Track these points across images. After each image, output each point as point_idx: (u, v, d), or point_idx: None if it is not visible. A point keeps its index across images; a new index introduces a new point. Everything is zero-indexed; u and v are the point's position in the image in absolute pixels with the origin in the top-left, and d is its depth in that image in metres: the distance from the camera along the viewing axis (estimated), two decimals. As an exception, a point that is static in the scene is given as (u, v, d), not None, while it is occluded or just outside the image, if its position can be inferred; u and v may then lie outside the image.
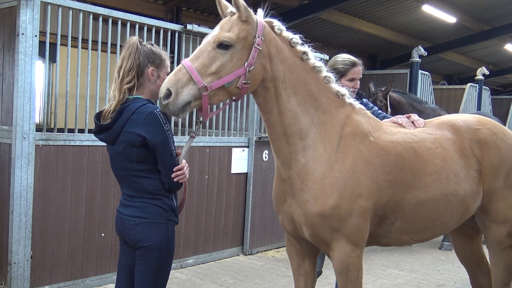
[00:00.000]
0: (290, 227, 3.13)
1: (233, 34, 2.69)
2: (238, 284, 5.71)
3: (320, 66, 3.02)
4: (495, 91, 22.86)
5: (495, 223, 3.50)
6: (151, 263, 2.84)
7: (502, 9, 14.67)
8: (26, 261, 4.71)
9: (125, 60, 2.84)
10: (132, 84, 2.82)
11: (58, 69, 7.81)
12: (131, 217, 2.86)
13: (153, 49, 2.91)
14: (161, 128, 2.75)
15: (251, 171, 6.89)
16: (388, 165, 3.04)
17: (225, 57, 2.67)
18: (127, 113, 2.77)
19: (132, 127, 2.75)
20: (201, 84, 2.60)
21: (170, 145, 2.79)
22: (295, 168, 2.95)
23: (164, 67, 2.94)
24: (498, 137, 3.51)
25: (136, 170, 2.82)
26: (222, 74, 2.66)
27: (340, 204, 2.87)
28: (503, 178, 3.46)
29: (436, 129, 3.43)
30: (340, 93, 3.09)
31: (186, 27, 6.19)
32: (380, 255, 7.24)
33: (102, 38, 5.38)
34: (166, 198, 2.88)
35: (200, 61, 2.65)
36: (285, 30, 2.96)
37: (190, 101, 2.62)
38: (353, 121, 3.05)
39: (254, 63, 2.72)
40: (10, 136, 4.72)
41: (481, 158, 3.40)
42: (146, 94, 2.89)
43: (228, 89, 2.71)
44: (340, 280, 3.01)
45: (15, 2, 4.67)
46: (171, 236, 2.89)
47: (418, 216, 3.18)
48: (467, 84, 12.14)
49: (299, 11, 12.25)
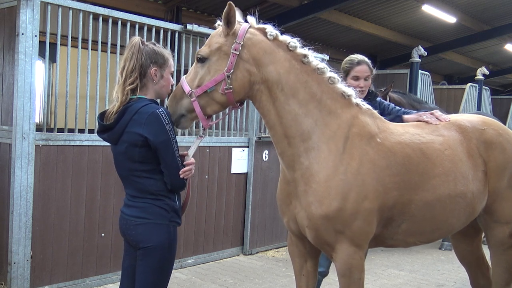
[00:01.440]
0: (296, 229, 3.12)
1: (206, 47, 2.88)
2: (238, 284, 5.71)
3: (323, 67, 3.01)
4: (495, 91, 22.87)
5: (498, 223, 3.49)
6: (152, 263, 2.84)
7: (502, 9, 14.68)
8: (26, 261, 4.71)
9: (127, 61, 2.84)
10: (135, 85, 2.82)
11: (58, 69, 7.81)
12: (133, 217, 2.86)
13: (156, 48, 2.91)
14: (163, 128, 2.74)
15: (251, 171, 6.89)
16: (395, 167, 3.01)
17: (203, 70, 2.87)
18: (129, 113, 2.77)
19: (134, 127, 2.75)
20: (188, 90, 2.82)
21: (173, 146, 2.78)
22: (299, 170, 2.94)
23: (167, 67, 2.93)
24: (504, 137, 3.50)
25: (138, 170, 2.82)
26: (203, 85, 2.85)
27: (345, 206, 2.85)
28: (507, 178, 3.46)
29: (444, 129, 3.39)
30: (346, 93, 3.07)
31: (186, 27, 6.19)
32: (380, 255, 7.24)
33: (102, 38, 5.38)
34: (168, 199, 2.87)
35: (189, 77, 2.90)
36: (280, 35, 2.96)
37: (183, 114, 2.89)
38: (359, 122, 3.03)
39: (233, 68, 2.81)
40: (10, 136, 4.72)
41: (487, 158, 3.39)
42: (150, 94, 2.90)
43: (213, 96, 2.85)
44: (342, 282, 3.00)
45: (15, 2, 4.67)
46: (172, 237, 2.88)
47: (425, 218, 3.15)
48: (467, 84, 12.13)
49: (299, 11, 12.26)
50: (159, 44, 3.13)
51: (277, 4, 12.44)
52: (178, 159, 2.82)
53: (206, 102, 2.85)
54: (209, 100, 2.85)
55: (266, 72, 2.86)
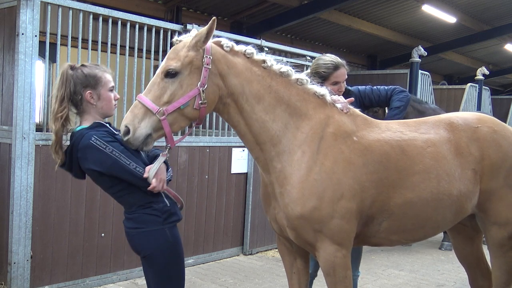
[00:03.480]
0: (277, 228, 3.17)
1: (178, 61, 2.74)
2: (238, 284, 5.71)
3: (286, 70, 2.99)
4: (495, 91, 22.87)
5: (496, 225, 3.45)
6: (158, 270, 2.84)
7: (502, 9, 14.69)
8: (26, 261, 4.71)
9: (58, 91, 2.80)
10: (65, 113, 2.78)
11: (58, 69, 7.79)
12: (130, 229, 2.88)
13: (85, 71, 2.83)
14: (103, 154, 2.68)
15: (251, 171, 6.89)
16: (372, 165, 3.01)
17: (174, 85, 2.73)
18: (75, 153, 2.77)
19: (84, 164, 2.76)
20: (156, 109, 2.66)
21: (123, 164, 2.70)
22: (273, 174, 2.97)
23: (102, 85, 2.85)
24: (499, 134, 3.44)
25: (115, 192, 2.86)
26: (175, 101, 2.71)
27: (320, 206, 2.87)
28: (503, 177, 3.40)
29: (431, 127, 3.37)
30: (319, 93, 3.06)
31: (186, 27, 6.18)
32: (380, 255, 7.24)
33: (102, 38, 5.37)
34: (156, 204, 2.84)
35: (152, 94, 2.72)
36: (235, 46, 2.95)
37: (150, 133, 2.68)
38: (335, 122, 3.02)
39: (206, 82, 2.76)
40: (10, 136, 4.72)
41: (479, 156, 3.34)
42: (93, 117, 2.86)
43: (185, 112, 2.74)
44: (328, 281, 3.02)
45: (15, 2, 4.67)
46: (171, 239, 2.86)
47: (407, 216, 3.14)
48: (467, 84, 12.14)
49: (299, 11, 12.26)
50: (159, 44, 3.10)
51: (277, 4, 12.45)
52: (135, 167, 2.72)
53: (174, 119, 2.72)
54: (178, 117, 2.74)
55: (230, 85, 2.86)
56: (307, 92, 3.03)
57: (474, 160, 3.33)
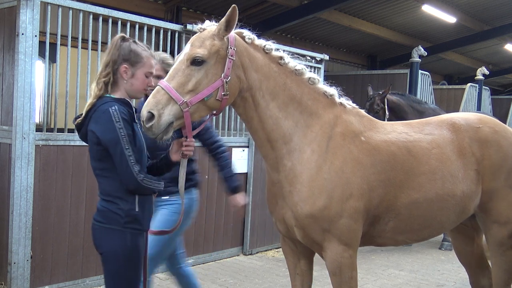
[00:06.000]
0: (283, 229, 3.16)
1: (204, 49, 2.70)
2: (238, 284, 5.71)
3: (300, 68, 3.01)
4: (495, 91, 22.85)
5: (497, 224, 3.48)
6: (110, 269, 2.80)
7: (502, 9, 14.66)
8: (26, 261, 4.71)
9: (105, 55, 2.84)
10: (107, 78, 2.78)
11: (58, 69, 7.78)
12: (94, 221, 2.85)
13: (132, 46, 2.82)
14: (111, 126, 2.65)
15: (251, 171, 6.88)
16: (379, 165, 3.03)
17: (200, 73, 2.69)
18: (91, 112, 2.76)
19: (91, 125, 2.74)
20: (181, 100, 2.61)
21: (122, 144, 2.65)
22: (282, 172, 2.97)
23: (141, 66, 2.81)
24: (500, 135, 3.48)
25: (98, 169, 2.81)
26: (199, 90, 2.68)
27: (330, 205, 2.88)
28: (504, 177, 3.43)
29: (435, 128, 3.40)
30: (328, 93, 3.09)
31: (186, 27, 6.19)
32: (380, 255, 7.24)
33: (102, 38, 5.38)
34: (124, 203, 2.75)
35: (177, 80, 2.66)
36: (256, 39, 2.96)
37: (172, 121, 2.63)
38: (343, 121, 3.04)
39: (230, 74, 2.74)
40: (10, 136, 4.72)
41: (481, 157, 3.37)
42: (121, 93, 2.83)
43: (208, 103, 2.72)
44: (334, 281, 3.02)
45: (15, 2, 4.67)
46: (130, 245, 2.76)
47: (413, 216, 3.17)
48: (467, 84, 12.14)
49: (299, 11, 12.24)
50: (159, 44, 3.10)
51: (277, 4, 12.43)
52: (131, 158, 2.66)
53: (196, 108, 2.68)
54: (200, 107, 2.70)
55: (251, 79, 2.86)
56: (317, 92, 3.06)
57: (476, 160, 3.36)
